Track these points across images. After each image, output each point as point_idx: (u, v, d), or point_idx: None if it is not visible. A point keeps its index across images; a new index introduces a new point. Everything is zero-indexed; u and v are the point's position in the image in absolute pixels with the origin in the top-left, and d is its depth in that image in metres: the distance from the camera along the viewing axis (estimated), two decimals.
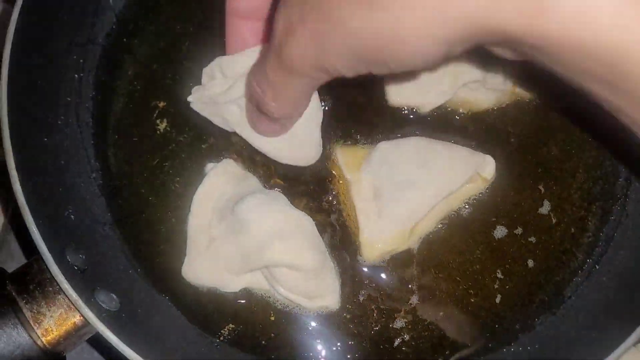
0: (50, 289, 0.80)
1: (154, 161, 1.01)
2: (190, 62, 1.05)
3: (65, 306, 0.80)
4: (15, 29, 0.87)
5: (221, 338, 0.93)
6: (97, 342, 0.83)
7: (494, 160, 0.97)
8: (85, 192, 0.97)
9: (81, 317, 0.79)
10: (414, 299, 0.94)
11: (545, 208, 0.98)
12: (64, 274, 0.78)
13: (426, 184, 0.94)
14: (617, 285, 0.92)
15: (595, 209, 0.99)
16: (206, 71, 0.96)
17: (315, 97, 0.89)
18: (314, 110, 0.89)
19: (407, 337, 0.94)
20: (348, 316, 0.94)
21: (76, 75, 1.01)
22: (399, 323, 0.94)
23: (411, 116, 1.01)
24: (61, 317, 0.80)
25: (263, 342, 0.93)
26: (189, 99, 1.00)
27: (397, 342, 0.93)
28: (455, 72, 0.98)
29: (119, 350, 0.78)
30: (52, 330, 0.79)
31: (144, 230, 0.97)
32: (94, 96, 1.03)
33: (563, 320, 0.93)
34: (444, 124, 1.01)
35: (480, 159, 0.97)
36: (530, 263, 0.96)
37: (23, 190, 0.82)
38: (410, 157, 0.96)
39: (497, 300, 0.94)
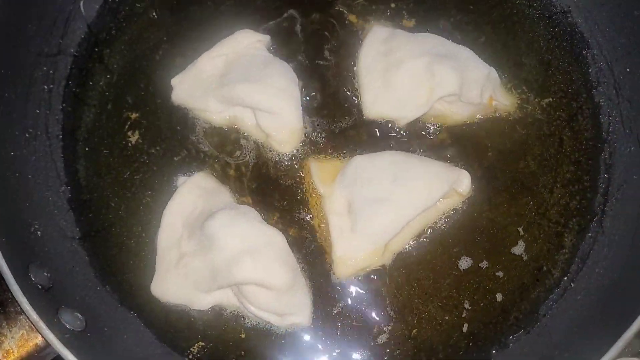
0: (12, 309, 0.79)
1: (125, 174, 0.99)
2: (164, 72, 1.03)
3: (27, 327, 0.78)
4: None
5: (190, 356, 0.92)
6: None
7: (469, 176, 0.96)
8: (53, 206, 0.95)
9: (43, 339, 0.77)
10: (387, 317, 0.93)
11: (520, 225, 0.97)
12: (25, 295, 0.76)
13: (401, 200, 0.92)
14: (592, 304, 0.91)
15: (572, 224, 0.98)
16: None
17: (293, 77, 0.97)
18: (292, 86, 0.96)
19: (379, 353, 0.92)
20: (320, 333, 0.92)
21: (45, 87, 0.99)
22: (371, 340, 0.92)
23: (387, 130, 1.00)
24: (22, 338, 0.78)
25: (233, 359, 0.91)
26: (173, 81, 0.99)
27: None
28: (432, 85, 0.97)
29: None
30: (12, 351, 0.77)
31: (113, 245, 0.96)
32: (64, 108, 1.01)
33: (537, 339, 0.92)
34: (419, 138, 1.00)
35: (456, 174, 0.95)
36: (499, 289, 0.95)
37: None
38: (385, 172, 0.94)
39: (470, 316, 0.93)
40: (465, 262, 0.95)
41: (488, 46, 1.05)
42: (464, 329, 0.93)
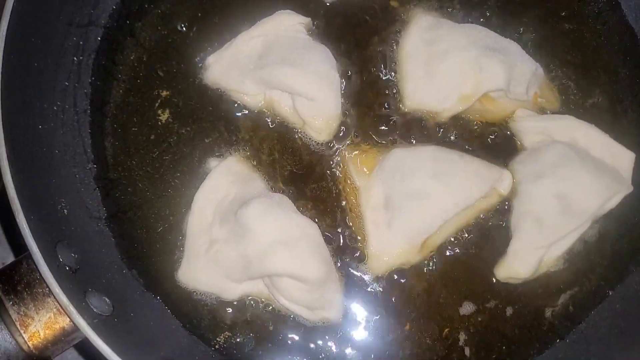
0: (40, 290, 0.75)
1: (154, 154, 0.95)
2: (198, 49, 0.99)
3: (54, 309, 0.75)
4: (13, 7, 0.81)
5: (217, 346, 0.89)
6: (85, 346, 0.78)
7: (511, 176, 0.93)
8: (80, 184, 0.91)
9: (71, 322, 0.74)
10: (419, 315, 0.90)
11: None
12: (54, 276, 0.73)
13: (441, 197, 0.89)
14: (632, 314, 0.89)
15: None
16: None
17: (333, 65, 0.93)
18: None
19: (408, 353, 0.90)
20: (350, 330, 0.90)
21: (75, 59, 0.95)
22: (401, 339, 0.90)
23: (427, 122, 0.96)
24: (50, 320, 0.75)
25: (260, 352, 0.89)
26: (208, 59, 0.95)
27: (398, 358, 0.90)
28: (479, 79, 0.93)
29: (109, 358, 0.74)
30: (39, 334, 0.74)
31: (140, 228, 0.92)
32: (93, 82, 0.97)
33: (573, 346, 0.90)
34: (462, 133, 0.96)
35: (497, 173, 0.93)
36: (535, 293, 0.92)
37: (14, 183, 0.76)
38: (426, 167, 0.91)
39: (507, 321, 0.91)
40: None
41: (533, 41, 1.02)
42: (500, 333, 0.90)
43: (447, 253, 0.92)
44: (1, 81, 0.79)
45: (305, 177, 0.94)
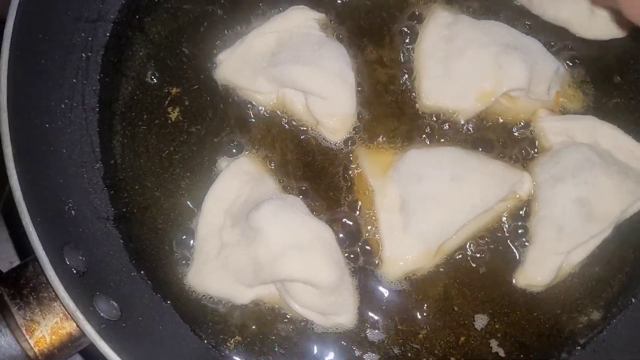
0: (46, 294, 0.73)
1: (163, 153, 0.93)
2: (208, 46, 0.96)
3: (61, 314, 0.73)
4: (20, 1, 0.78)
5: (227, 351, 0.87)
6: (91, 352, 0.76)
7: (531, 178, 0.90)
8: (88, 184, 0.89)
9: (78, 327, 0.72)
10: (433, 322, 0.88)
11: None
12: (61, 280, 0.71)
13: (459, 200, 0.86)
14: None
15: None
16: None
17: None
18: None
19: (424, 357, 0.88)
20: (364, 336, 0.87)
21: (83, 55, 0.92)
22: (416, 346, 0.87)
23: (444, 122, 0.94)
24: (56, 326, 0.73)
25: (271, 358, 0.87)
26: (219, 56, 0.93)
27: None
28: (499, 77, 0.90)
29: None
30: (45, 340, 0.73)
31: (149, 229, 0.90)
32: (102, 78, 0.94)
33: (593, 355, 0.87)
34: (480, 134, 0.93)
35: (517, 176, 0.90)
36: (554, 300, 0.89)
37: (20, 183, 0.74)
38: (443, 169, 0.88)
39: (525, 329, 0.88)
40: None
41: (554, 39, 0.98)
42: (516, 341, 0.88)
43: (464, 258, 0.89)
44: (7, 78, 0.77)
45: (319, 178, 0.92)
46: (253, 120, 0.94)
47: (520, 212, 0.91)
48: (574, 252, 0.88)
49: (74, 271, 0.76)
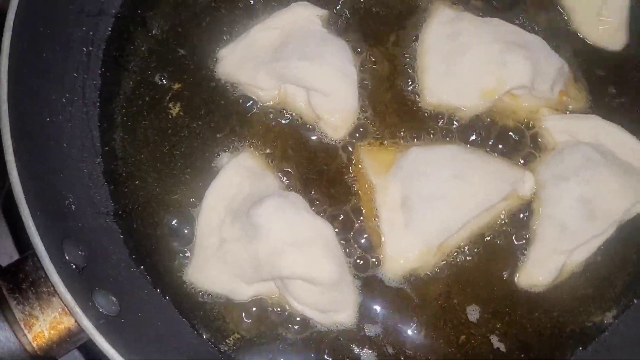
0: (45, 289, 0.73)
1: (164, 148, 0.93)
2: (210, 41, 0.96)
3: (60, 309, 0.73)
4: None
5: (226, 348, 0.86)
6: (90, 347, 0.76)
7: (533, 177, 0.89)
8: (88, 178, 0.89)
9: (77, 323, 0.72)
10: (434, 320, 0.87)
11: None
12: (60, 275, 0.70)
13: (461, 198, 0.86)
14: None
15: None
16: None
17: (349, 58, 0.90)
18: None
19: (424, 359, 0.87)
20: (363, 334, 0.87)
21: (85, 49, 0.92)
22: (417, 345, 0.87)
23: (446, 120, 0.93)
24: (55, 321, 0.72)
25: (271, 354, 0.86)
26: (221, 52, 0.92)
27: None
28: (502, 75, 0.89)
29: None
30: (43, 335, 0.72)
31: (149, 224, 0.90)
32: (103, 73, 0.94)
33: (595, 355, 0.87)
34: (483, 132, 0.92)
35: (519, 175, 0.89)
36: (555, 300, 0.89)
37: (20, 177, 0.73)
38: (446, 167, 0.87)
39: (526, 329, 0.88)
40: None
41: (559, 37, 0.98)
42: (519, 340, 0.87)
43: (465, 257, 0.89)
44: (8, 72, 0.76)
45: (320, 175, 0.91)
46: (254, 116, 0.93)
47: (522, 211, 0.90)
48: (576, 252, 0.88)
49: (73, 266, 0.76)
